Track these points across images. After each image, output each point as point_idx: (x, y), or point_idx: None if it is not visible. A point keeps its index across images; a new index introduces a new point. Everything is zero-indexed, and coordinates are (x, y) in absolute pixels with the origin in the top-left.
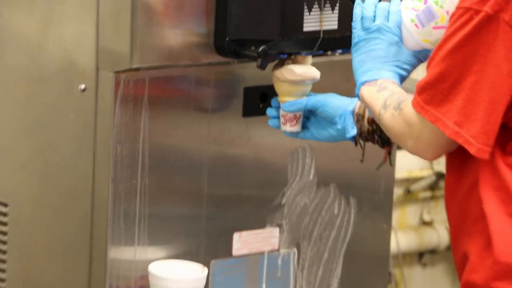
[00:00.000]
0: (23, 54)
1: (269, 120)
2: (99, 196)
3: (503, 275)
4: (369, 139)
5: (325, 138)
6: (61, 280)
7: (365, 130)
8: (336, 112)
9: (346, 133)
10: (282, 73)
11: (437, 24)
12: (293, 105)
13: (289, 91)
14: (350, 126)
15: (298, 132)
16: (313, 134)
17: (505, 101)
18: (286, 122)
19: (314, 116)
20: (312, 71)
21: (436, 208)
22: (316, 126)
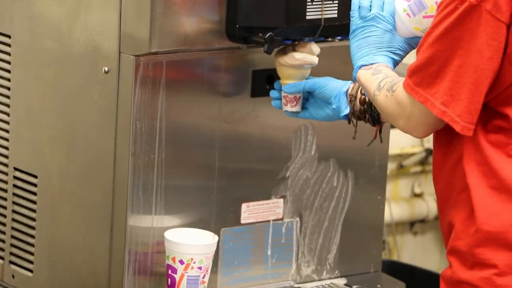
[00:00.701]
0: (53, 39)
1: (272, 101)
2: (119, 168)
3: (484, 242)
4: (361, 118)
5: (322, 117)
6: (85, 245)
7: (357, 110)
8: (332, 93)
9: (340, 112)
10: (283, 58)
11: (427, 13)
12: (293, 87)
13: (289, 74)
14: (344, 106)
15: (298, 112)
16: (311, 114)
17: (486, 83)
18: (287, 103)
19: (312, 97)
20: (311, 57)
21: (426, 181)
22: (314, 106)
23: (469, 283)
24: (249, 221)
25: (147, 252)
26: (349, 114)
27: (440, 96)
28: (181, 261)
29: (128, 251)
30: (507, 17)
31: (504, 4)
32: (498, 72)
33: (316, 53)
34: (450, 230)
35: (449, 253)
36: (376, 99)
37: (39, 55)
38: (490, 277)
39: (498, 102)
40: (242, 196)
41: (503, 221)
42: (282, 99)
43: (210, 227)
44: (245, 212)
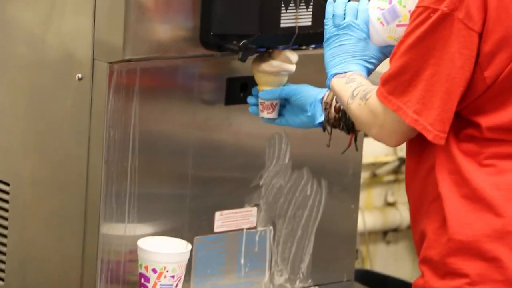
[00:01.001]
0: (26, 45)
1: (249, 107)
2: (93, 176)
3: (456, 251)
4: (336, 126)
5: (298, 124)
6: (57, 253)
7: (332, 117)
8: (307, 101)
9: (315, 120)
10: (261, 65)
11: (401, 22)
12: (269, 93)
13: (266, 81)
14: (318, 113)
15: (275, 118)
16: (287, 121)
17: (458, 91)
18: (263, 110)
19: (289, 104)
20: (287, 64)
21: (399, 190)
22: (290, 113)
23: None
24: (222, 230)
25: (120, 261)
26: (324, 121)
27: (412, 104)
28: (154, 269)
29: (100, 260)
30: (479, 26)
31: (476, 14)
32: (470, 81)
33: (293, 61)
34: (422, 239)
35: (421, 262)
36: (349, 108)
37: (12, 60)
38: (462, 286)
39: (470, 111)
40: (215, 204)
41: (475, 230)
42: (259, 105)
43: (183, 235)
44: (218, 221)
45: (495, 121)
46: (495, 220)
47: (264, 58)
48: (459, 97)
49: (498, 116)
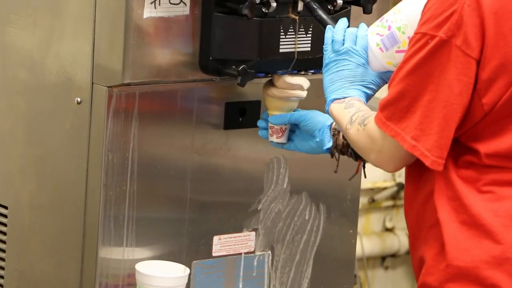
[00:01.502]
0: (25, 68)
1: (259, 131)
2: (91, 200)
3: (455, 277)
4: (344, 152)
5: (306, 149)
6: (55, 276)
7: (340, 144)
8: (316, 126)
9: (323, 146)
10: (271, 90)
11: (400, 48)
12: (279, 118)
13: (277, 106)
14: (327, 139)
15: (284, 143)
16: (296, 146)
17: (456, 118)
18: (273, 134)
19: (298, 129)
20: (298, 90)
21: (398, 216)
22: (299, 138)
23: None
24: (220, 254)
25: (118, 284)
26: (332, 147)
27: (410, 130)
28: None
29: (98, 283)
30: (477, 53)
31: (474, 40)
32: (468, 107)
33: (305, 87)
34: (421, 265)
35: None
36: (348, 133)
37: (11, 84)
38: None
39: (468, 138)
40: (213, 228)
41: (473, 257)
42: (269, 129)
43: (182, 259)
44: (216, 245)
45: (494, 148)
46: (493, 246)
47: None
48: (457, 123)
49: (497, 143)
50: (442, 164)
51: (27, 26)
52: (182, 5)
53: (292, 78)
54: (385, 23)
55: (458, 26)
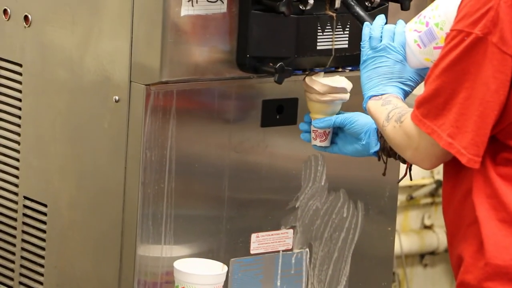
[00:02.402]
0: (64, 68)
1: (301, 134)
2: (129, 198)
3: (494, 276)
4: (391, 155)
5: (351, 152)
6: (94, 274)
7: (388, 146)
8: (362, 129)
9: (370, 149)
10: (314, 95)
11: (438, 44)
12: (323, 121)
13: (320, 109)
14: (374, 142)
15: (327, 146)
16: (340, 149)
17: (493, 115)
18: (316, 138)
19: (342, 132)
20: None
21: (436, 213)
22: (343, 141)
23: None
24: (258, 252)
25: (156, 282)
26: (379, 150)
27: (446, 127)
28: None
29: (137, 281)
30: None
31: (510, 37)
32: (505, 104)
33: (348, 89)
34: (459, 263)
35: (458, 286)
36: (384, 130)
37: (50, 84)
38: None
39: (506, 135)
40: (251, 226)
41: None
42: (312, 133)
43: (220, 257)
44: (254, 243)
45: None
46: None
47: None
48: (494, 121)
49: None
50: (479, 162)
51: (65, 25)
52: (219, 3)
53: (333, 80)
54: (423, 20)
55: (494, 23)
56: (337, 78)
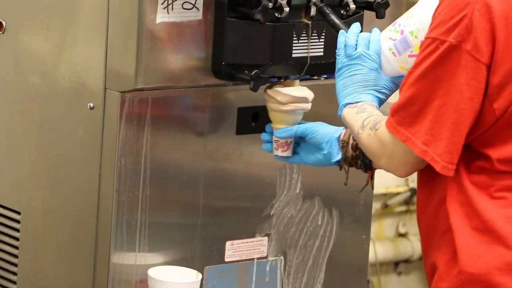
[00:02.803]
0: (38, 74)
1: (263, 144)
2: (104, 205)
3: (467, 284)
4: (353, 164)
5: (313, 162)
6: (67, 282)
7: (349, 156)
8: (323, 139)
9: (332, 158)
10: (276, 104)
11: (412, 52)
12: (284, 132)
13: (281, 119)
14: (335, 151)
15: (289, 156)
16: (302, 159)
17: (467, 123)
18: (278, 148)
19: (303, 142)
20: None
21: (411, 221)
22: (305, 151)
23: None
24: (233, 259)
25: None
26: (340, 160)
27: (421, 135)
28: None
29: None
30: (487, 58)
31: (484, 45)
32: (479, 112)
33: (309, 99)
34: (433, 271)
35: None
36: (359, 138)
37: (24, 90)
38: None
39: (480, 143)
40: (226, 234)
41: (486, 263)
42: (273, 143)
43: (194, 265)
44: (229, 250)
45: (505, 153)
46: (506, 253)
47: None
48: (468, 128)
49: (508, 149)
50: (453, 169)
51: (40, 32)
52: (195, 10)
53: (295, 90)
54: (398, 28)
55: (468, 31)
56: (299, 88)
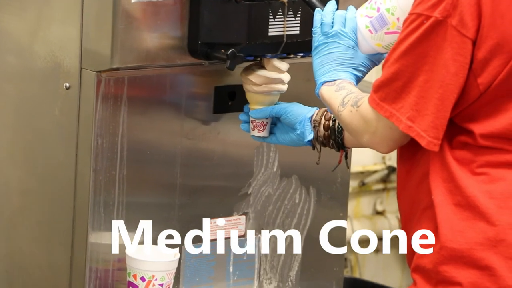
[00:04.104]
0: (13, 54)
1: (240, 124)
2: (81, 185)
3: (449, 259)
4: (325, 144)
5: (287, 142)
6: (45, 261)
7: (321, 135)
8: (296, 119)
9: (304, 138)
10: (252, 86)
11: (389, 29)
12: (259, 112)
13: (258, 100)
14: (307, 131)
15: (265, 137)
16: (277, 139)
17: (452, 98)
18: (254, 128)
19: (279, 122)
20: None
21: (388, 199)
22: (280, 131)
23: None
24: (211, 238)
25: (108, 269)
26: (313, 139)
27: (406, 111)
28: (143, 278)
29: (89, 268)
30: (473, 33)
31: (469, 20)
32: (463, 87)
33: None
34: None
35: (413, 270)
36: (340, 115)
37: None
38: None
39: (463, 118)
40: (203, 212)
41: (467, 239)
42: (250, 123)
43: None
44: (206, 229)
45: (488, 128)
46: (488, 228)
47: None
48: (453, 103)
49: (491, 123)
50: (438, 144)
51: (14, 11)
52: None
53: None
54: (374, 5)
55: (454, 6)
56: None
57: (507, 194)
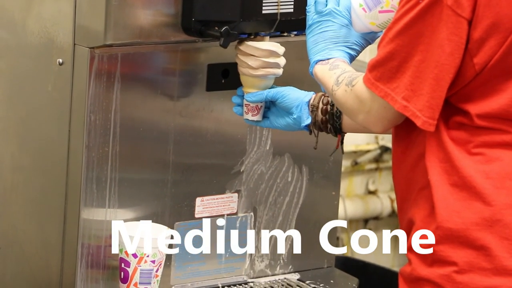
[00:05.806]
0: (6, 30)
1: (233, 107)
2: (73, 161)
3: (445, 239)
4: (322, 129)
5: (283, 126)
6: (37, 237)
7: (319, 120)
8: (293, 103)
9: (301, 122)
10: (247, 69)
11: (383, 8)
12: (255, 96)
13: (253, 84)
14: (305, 116)
15: (259, 121)
16: (272, 123)
17: (448, 78)
18: (248, 112)
19: (274, 106)
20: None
21: (380, 178)
22: (275, 115)
23: (428, 280)
24: (203, 215)
25: (100, 245)
26: (310, 124)
27: (401, 90)
28: (134, 254)
29: (81, 244)
30: (468, 13)
31: (465, 0)
32: (459, 67)
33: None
34: (410, 227)
35: (409, 250)
36: (334, 94)
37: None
38: (450, 274)
39: (459, 98)
40: (196, 190)
41: (464, 219)
42: (244, 107)
43: (164, 221)
44: (199, 206)
45: (485, 108)
46: (484, 208)
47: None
48: (449, 83)
49: (487, 104)
50: (434, 124)
51: None
52: None
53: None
54: None
55: None
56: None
57: (503, 174)
